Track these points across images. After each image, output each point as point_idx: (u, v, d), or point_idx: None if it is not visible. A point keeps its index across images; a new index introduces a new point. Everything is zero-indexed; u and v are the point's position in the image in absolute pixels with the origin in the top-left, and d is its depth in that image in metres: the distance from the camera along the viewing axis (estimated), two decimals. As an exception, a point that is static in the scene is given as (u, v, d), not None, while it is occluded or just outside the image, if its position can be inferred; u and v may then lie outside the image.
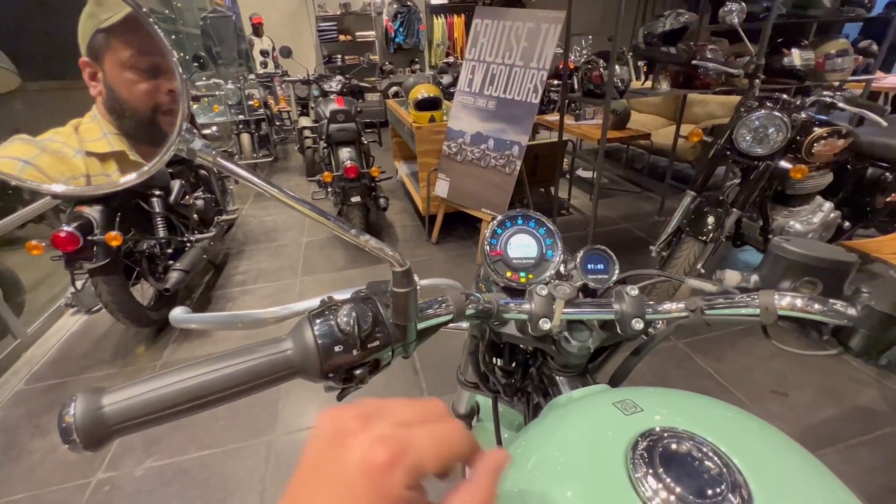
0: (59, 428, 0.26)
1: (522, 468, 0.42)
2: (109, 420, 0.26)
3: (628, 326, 0.47)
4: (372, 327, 0.31)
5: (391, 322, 0.32)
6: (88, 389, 0.27)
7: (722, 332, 2.05)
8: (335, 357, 0.29)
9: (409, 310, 0.31)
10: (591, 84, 2.34)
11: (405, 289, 0.31)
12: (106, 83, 0.29)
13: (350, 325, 0.30)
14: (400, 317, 0.32)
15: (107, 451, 1.60)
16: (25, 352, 2.15)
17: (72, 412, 0.26)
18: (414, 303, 0.32)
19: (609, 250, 0.58)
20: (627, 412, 0.42)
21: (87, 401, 0.26)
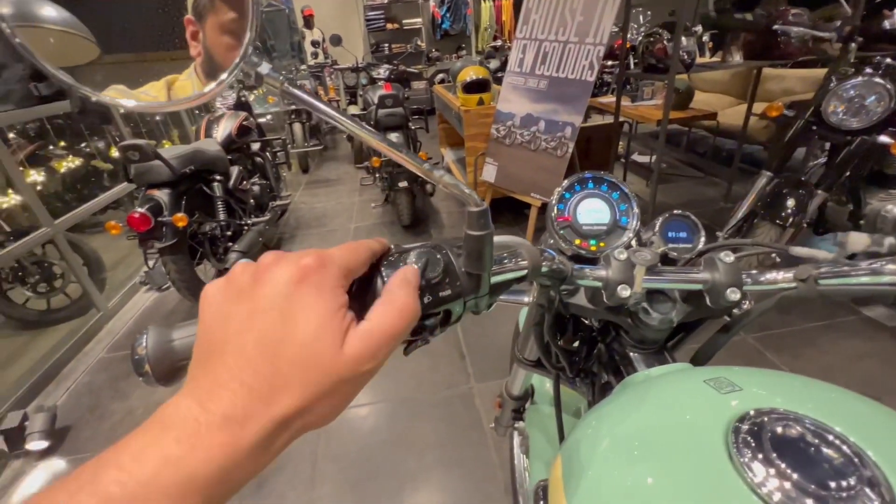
0: (133, 361, 0.26)
1: (594, 450, 0.38)
2: (180, 353, 0.25)
3: (721, 298, 0.41)
4: (443, 275, 0.28)
5: (463, 271, 0.29)
6: (159, 324, 0.27)
7: (799, 327, 1.86)
8: None
9: (483, 257, 0.28)
10: (654, 58, 2.18)
11: (481, 232, 0.27)
12: (205, 45, 0.28)
13: (420, 271, 0.27)
14: (473, 264, 0.29)
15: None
16: (107, 324, 2.36)
17: (144, 344, 0.25)
18: (490, 249, 0.28)
19: (694, 216, 0.52)
20: (723, 390, 0.37)
21: (157, 334, 0.26)
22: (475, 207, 0.27)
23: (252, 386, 0.20)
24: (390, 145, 0.26)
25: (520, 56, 2.53)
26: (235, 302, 0.23)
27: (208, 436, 0.19)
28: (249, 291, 0.23)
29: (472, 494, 1.33)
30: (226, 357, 0.21)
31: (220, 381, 0.20)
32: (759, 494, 0.27)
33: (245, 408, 0.20)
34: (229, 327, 0.22)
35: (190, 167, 2.10)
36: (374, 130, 0.26)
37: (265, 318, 0.22)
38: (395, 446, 1.50)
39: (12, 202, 2.34)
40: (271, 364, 0.21)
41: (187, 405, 0.20)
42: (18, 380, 1.88)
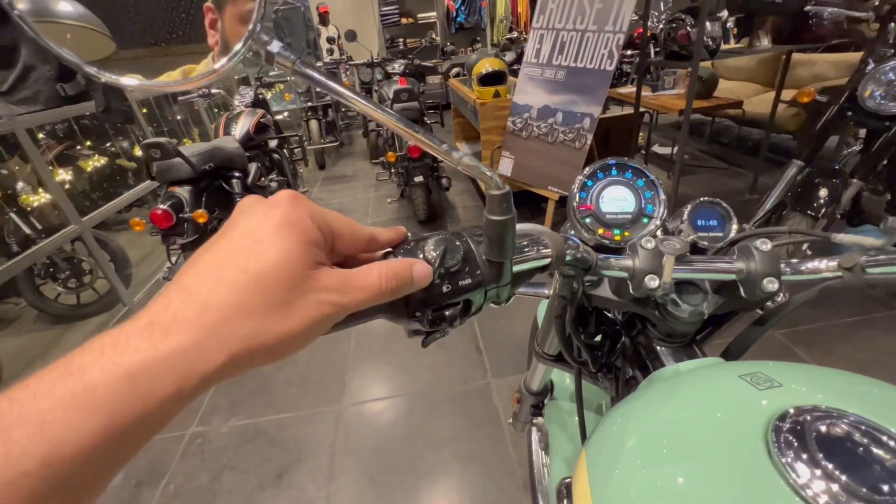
0: None
1: (621, 447, 0.36)
2: None
3: (757, 288, 0.38)
4: (462, 263, 0.27)
5: (484, 259, 0.28)
6: None
7: (830, 322, 1.78)
8: (423, 292, 0.26)
9: (505, 244, 0.27)
10: (676, 45, 2.11)
11: (503, 216, 0.26)
12: (222, 34, 0.27)
13: (439, 258, 0.26)
14: (495, 252, 0.27)
15: (197, 406, 1.76)
16: (133, 318, 2.43)
17: None
18: (512, 236, 0.27)
19: (725, 203, 0.49)
20: (761, 386, 0.34)
21: None
22: (496, 190, 0.26)
23: (191, 289, 0.19)
24: (406, 126, 0.24)
25: (536, 46, 2.48)
26: (220, 234, 0.23)
27: (125, 342, 0.18)
28: (231, 222, 0.23)
29: (490, 490, 1.32)
30: (182, 275, 0.21)
31: (165, 294, 0.19)
32: (804, 497, 0.25)
33: (176, 311, 0.18)
34: (200, 255, 0.22)
35: (209, 164, 2.13)
36: (390, 111, 0.24)
37: (230, 237, 0.22)
38: (413, 440, 1.51)
39: (42, 201, 2.43)
40: (219, 272, 0.20)
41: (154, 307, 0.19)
42: (51, 371, 1.95)
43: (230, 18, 0.27)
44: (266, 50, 0.23)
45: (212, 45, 0.27)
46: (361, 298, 0.23)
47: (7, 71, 1.47)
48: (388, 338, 1.96)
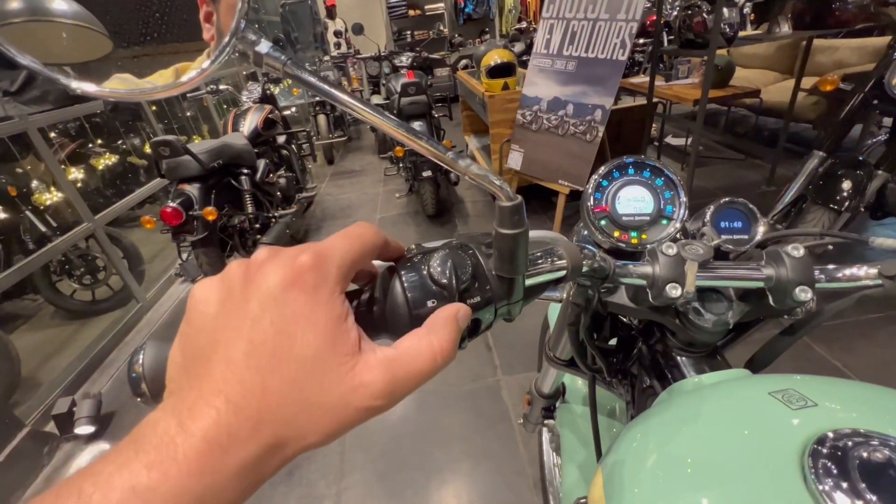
0: (129, 379, 0.23)
1: (641, 468, 0.34)
2: None
3: (788, 297, 0.36)
4: (471, 279, 0.24)
5: (494, 274, 0.26)
6: (158, 336, 0.25)
7: (852, 318, 1.73)
8: (426, 312, 0.24)
9: (517, 259, 0.25)
10: (692, 33, 2.04)
11: (514, 230, 0.24)
12: (218, 27, 0.25)
13: (446, 275, 0.24)
14: (505, 267, 0.25)
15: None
16: (146, 314, 2.46)
17: (140, 361, 0.23)
18: (524, 250, 0.25)
19: (750, 204, 0.46)
20: (794, 405, 0.32)
21: (156, 349, 0.24)
22: (507, 202, 0.23)
23: (239, 404, 0.17)
24: (409, 133, 0.22)
25: (546, 37, 2.42)
26: (225, 305, 0.20)
27: (185, 461, 0.16)
28: (240, 294, 0.20)
29: (500, 488, 1.31)
30: (212, 368, 0.18)
31: (203, 396, 0.18)
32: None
33: (230, 429, 0.17)
34: (217, 334, 0.19)
35: (218, 161, 2.13)
36: (393, 117, 0.22)
37: (256, 327, 0.19)
38: (423, 438, 1.50)
39: (56, 199, 2.46)
40: (262, 380, 0.18)
41: (165, 424, 0.17)
42: (67, 367, 1.99)
43: (225, 10, 0.25)
44: (254, 51, 0.21)
45: (207, 40, 0.25)
46: (407, 393, 0.21)
47: (16, 71, 1.48)
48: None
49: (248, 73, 4.12)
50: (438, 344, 0.22)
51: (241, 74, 4.76)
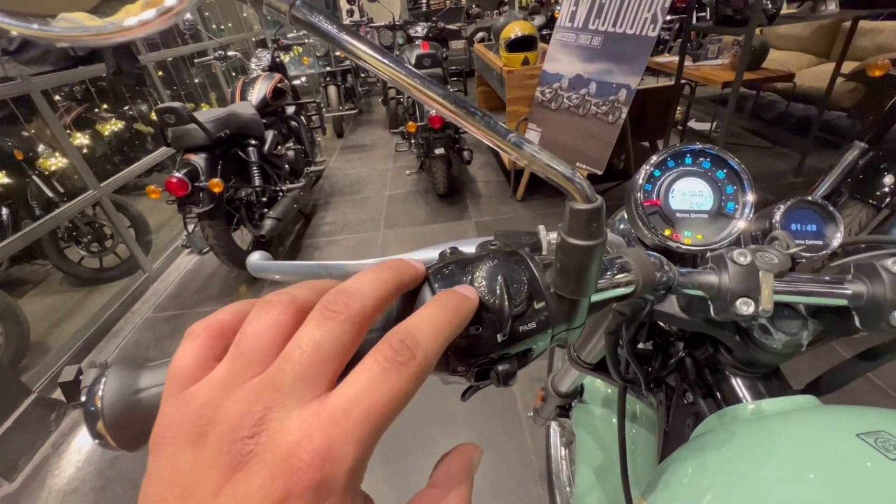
0: (85, 412, 0.19)
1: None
2: (148, 411, 0.18)
3: (883, 320, 0.30)
4: (527, 301, 0.19)
5: (553, 293, 0.20)
6: (123, 363, 0.20)
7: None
8: (472, 343, 0.18)
9: (587, 276, 0.19)
10: (730, 8, 1.90)
11: (590, 241, 0.18)
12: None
13: (497, 294, 0.18)
14: (570, 286, 0.19)
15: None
16: (152, 285, 2.45)
17: (100, 393, 0.18)
18: (597, 266, 0.19)
19: (827, 204, 0.40)
20: (891, 455, 0.27)
21: (120, 380, 0.19)
22: (585, 204, 0.17)
23: None
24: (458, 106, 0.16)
25: (572, 9, 2.28)
26: (188, 481, 0.14)
27: None
28: (216, 479, 0.14)
29: (505, 478, 1.29)
30: None
31: None
32: None
33: None
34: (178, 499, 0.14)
35: (225, 131, 2.07)
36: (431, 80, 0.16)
37: None
38: (428, 423, 1.48)
39: (63, 164, 2.42)
40: None
41: None
42: (74, 335, 1.99)
43: None
44: None
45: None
46: None
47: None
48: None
49: (258, 39, 3.99)
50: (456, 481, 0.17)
51: (251, 41, 4.62)
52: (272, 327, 0.16)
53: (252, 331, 0.16)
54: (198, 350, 0.16)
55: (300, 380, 0.15)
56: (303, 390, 0.15)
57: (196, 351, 0.16)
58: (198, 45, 3.38)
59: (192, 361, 0.16)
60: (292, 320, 0.16)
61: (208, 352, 0.16)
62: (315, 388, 0.15)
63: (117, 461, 1.49)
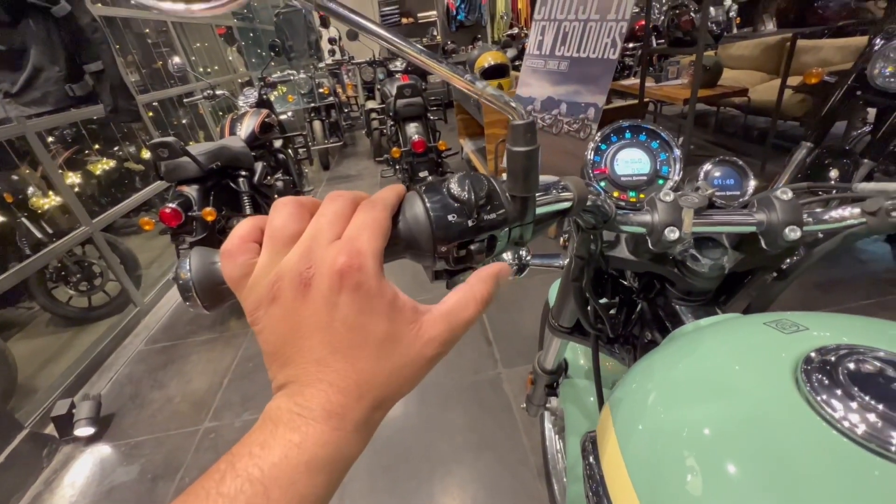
0: (178, 285, 0.25)
1: (647, 398, 0.36)
2: (224, 275, 0.25)
3: (779, 238, 0.38)
4: (488, 197, 0.26)
5: (508, 196, 0.28)
6: (201, 248, 0.26)
7: (845, 305, 1.76)
8: (450, 228, 0.26)
9: (529, 177, 0.27)
10: (680, 31, 2.10)
11: (527, 147, 0.26)
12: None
13: (465, 191, 0.26)
14: (519, 185, 0.27)
15: (210, 402, 1.77)
16: (144, 318, 2.45)
17: (187, 268, 0.25)
18: (536, 167, 0.27)
19: (741, 162, 0.49)
20: (787, 331, 0.34)
21: (201, 255, 0.25)
22: (520, 120, 0.25)
23: (340, 386, 0.22)
24: (431, 59, 0.24)
25: (539, 38, 2.47)
26: (290, 321, 0.23)
27: (316, 425, 0.21)
28: (301, 307, 0.22)
29: (504, 477, 1.32)
30: (303, 362, 0.22)
31: (307, 384, 0.22)
32: (841, 429, 0.25)
33: (340, 403, 0.21)
34: (297, 334, 0.22)
35: (216, 163, 2.15)
36: (414, 44, 0.24)
37: (330, 330, 0.22)
38: (426, 430, 1.51)
39: (52, 204, 2.45)
40: (352, 364, 0.22)
41: (287, 406, 0.21)
42: (65, 371, 1.97)
43: None
44: None
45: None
46: (460, 336, 0.25)
47: (17, 73, 1.49)
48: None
49: (244, 80, 4.16)
50: (481, 295, 0.26)
51: (237, 82, 4.79)
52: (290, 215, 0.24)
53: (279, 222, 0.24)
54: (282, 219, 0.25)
55: (324, 231, 0.23)
56: (326, 234, 0.23)
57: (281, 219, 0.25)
58: (185, 87, 3.51)
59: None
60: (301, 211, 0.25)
61: (295, 220, 0.25)
62: (333, 232, 0.23)
63: (112, 492, 1.47)
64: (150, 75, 3.19)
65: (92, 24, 1.56)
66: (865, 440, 0.24)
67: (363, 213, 0.24)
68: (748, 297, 0.49)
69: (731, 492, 0.26)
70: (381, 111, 4.06)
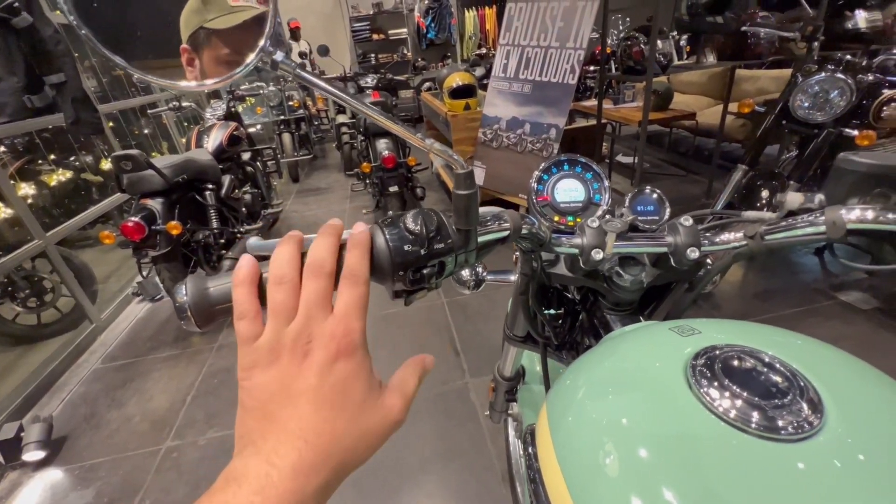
0: (175, 308, 0.29)
1: (574, 394, 0.43)
2: (215, 299, 0.29)
3: (683, 257, 0.46)
4: (437, 230, 0.32)
5: (454, 228, 0.34)
6: (195, 276, 0.31)
7: (779, 313, 1.94)
8: (406, 255, 0.31)
9: (470, 214, 0.33)
10: (631, 61, 2.27)
11: (468, 191, 0.32)
12: (201, 69, 0.32)
13: (417, 226, 0.32)
14: (462, 221, 0.33)
15: (173, 421, 1.73)
16: (100, 335, 2.35)
17: (184, 293, 0.29)
18: (475, 207, 0.33)
19: (660, 192, 0.57)
20: (684, 334, 0.42)
21: (195, 282, 0.30)
22: (462, 170, 0.32)
23: (314, 443, 0.25)
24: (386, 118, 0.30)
25: (504, 62, 2.61)
26: (283, 382, 0.26)
27: (281, 485, 0.23)
28: (297, 371, 0.26)
29: (470, 484, 1.36)
30: (285, 423, 0.25)
31: (283, 440, 0.25)
32: (718, 414, 0.32)
33: (310, 462, 0.24)
34: (282, 402, 0.26)
35: (182, 176, 2.13)
36: (374, 107, 0.30)
37: (319, 392, 0.26)
38: (394, 442, 1.52)
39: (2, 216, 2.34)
40: (331, 425, 0.26)
41: (255, 463, 0.24)
42: (12, 393, 1.87)
43: (208, 59, 0.32)
44: (272, 59, 0.29)
45: (189, 80, 0.32)
46: (412, 400, 0.31)
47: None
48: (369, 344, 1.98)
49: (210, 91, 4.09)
50: (419, 371, 0.32)
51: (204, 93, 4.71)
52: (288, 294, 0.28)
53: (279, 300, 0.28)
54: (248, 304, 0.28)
55: (318, 309, 0.28)
56: (321, 313, 0.28)
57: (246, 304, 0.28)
58: (149, 97, 3.43)
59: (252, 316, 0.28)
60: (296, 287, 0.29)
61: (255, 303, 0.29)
62: (325, 309, 0.28)
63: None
64: (110, 83, 3.10)
65: (55, 37, 1.54)
66: (734, 420, 0.31)
67: (350, 290, 0.29)
68: (669, 307, 0.57)
69: (634, 468, 0.32)
70: (352, 125, 4.10)
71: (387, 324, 2.16)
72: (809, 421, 0.31)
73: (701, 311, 2.04)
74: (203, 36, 0.31)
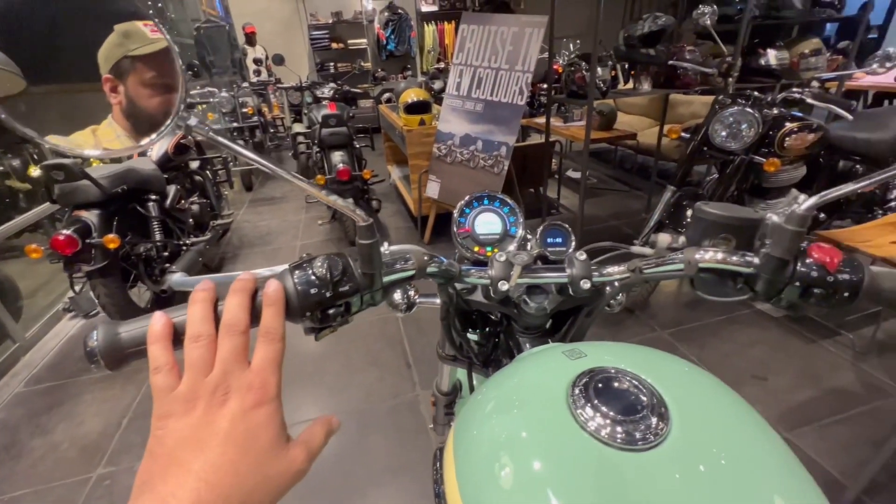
0: (85, 352, 0.31)
1: (476, 412, 0.48)
2: (126, 344, 0.32)
3: (578, 287, 0.53)
4: (342, 274, 0.36)
5: (360, 272, 0.38)
6: (107, 321, 0.33)
7: (705, 321, 2.11)
8: (311, 298, 0.35)
9: (373, 260, 0.37)
10: (575, 85, 2.42)
11: (369, 240, 0.36)
12: (127, 95, 0.34)
13: (323, 271, 0.35)
14: (366, 266, 0.37)
15: (106, 446, 1.64)
16: (24, 356, 2.18)
17: (94, 338, 0.31)
18: (377, 254, 0.37)
19: (566, 225, 0.64)
20: (573, 357, 0.48)
21: (106, 328, 0.32)
22: (363, 222, 0.36)
23: (214, 484, 0.26)
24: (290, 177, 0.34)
25: (457, 80, 2.70)
26: (194, 427, 0.28)
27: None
28: (209, 418, 0.28)
29: (419, 497, 1.39)
30: (189, 465, 0.27)
31: (183, 484, 0.26)
32: (590, 432, 0.37)
33: (210, 501, 0.26)
34: (190, 446, 0.27)
35: (122, 186, 2.03)
36: (281, 170, 0.34)
37: (230, 437, 0.28)
38: (345, 457, 1.53)
39: None
40: (233, 469, 0.27)
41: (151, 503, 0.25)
42: (-83, 422, 1.70)
43: (133, 85, 0.34)
44: (186, 124, 0.32)
45: (114, 104, 0.34)
46: (316, 456, 0.33)
47: None
48: (321, 358, 1.97)
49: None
50: (326, 430, 0.36)
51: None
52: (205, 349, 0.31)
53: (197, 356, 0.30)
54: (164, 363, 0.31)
55: (235, 364, 0.31)
56: (238, 367, 0.31)
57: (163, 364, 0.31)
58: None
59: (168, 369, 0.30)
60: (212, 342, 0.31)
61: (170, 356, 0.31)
62: (242, 364, 0.31)
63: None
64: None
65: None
66: (603, 437, 0.37)
67: (266, 347, 0.32)
68: (574, 330, 0.64)
69: (519, 488, 0.37)
70: (308, 135, 4.06)
71: (338, 338, 2.15)
72: (657, 431, 0.37)
73: (639, 320, 2.19)
74: (128, 63, 0.34)
